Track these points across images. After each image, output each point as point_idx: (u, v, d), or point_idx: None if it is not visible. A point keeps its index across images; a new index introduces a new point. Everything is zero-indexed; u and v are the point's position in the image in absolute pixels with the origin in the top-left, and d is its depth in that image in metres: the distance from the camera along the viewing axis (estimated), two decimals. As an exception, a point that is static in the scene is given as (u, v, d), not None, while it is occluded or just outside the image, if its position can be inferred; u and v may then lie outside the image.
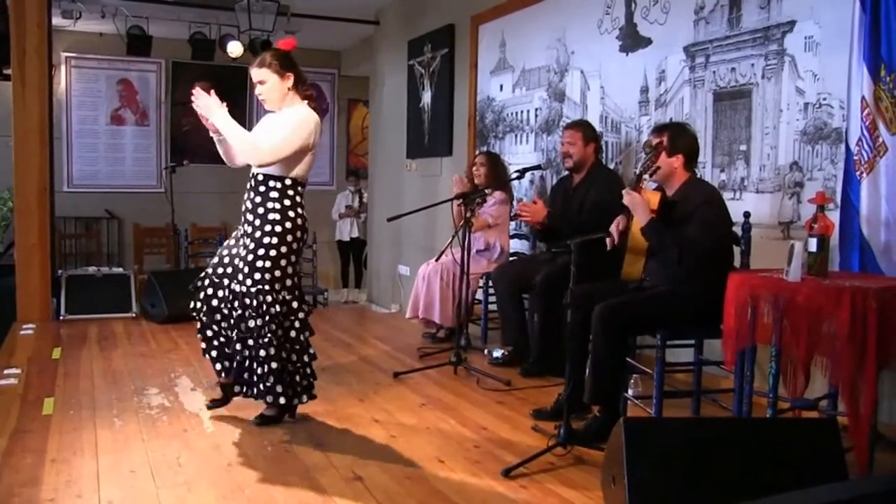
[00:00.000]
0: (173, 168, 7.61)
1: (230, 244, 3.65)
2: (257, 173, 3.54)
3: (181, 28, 8.41)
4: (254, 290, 3.45)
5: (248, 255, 3.47)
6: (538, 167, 5.29)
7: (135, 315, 6.50)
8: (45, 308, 6.33)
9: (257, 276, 3.45)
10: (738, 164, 4.12)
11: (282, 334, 3.53)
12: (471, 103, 6.62)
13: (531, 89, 5.87)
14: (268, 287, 3.45)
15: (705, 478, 2.47)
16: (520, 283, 4.79)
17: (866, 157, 3.19)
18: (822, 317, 2.73)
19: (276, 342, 3.50)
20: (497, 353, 4.89)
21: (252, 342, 3.54)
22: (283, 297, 3.52)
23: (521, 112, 6.00)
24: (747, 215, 3.61)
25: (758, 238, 3.67)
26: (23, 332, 5.82)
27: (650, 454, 2.46)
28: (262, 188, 3.51)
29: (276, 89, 3.54)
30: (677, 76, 4.49)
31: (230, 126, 3.45)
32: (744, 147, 4.09)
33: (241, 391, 3.72)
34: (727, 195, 3.93)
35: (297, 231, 3.53)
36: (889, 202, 3.15)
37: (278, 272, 3.48)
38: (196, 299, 3.66)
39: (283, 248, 3.48)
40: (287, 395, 3.60)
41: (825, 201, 3.10)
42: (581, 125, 4.74)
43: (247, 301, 3.47)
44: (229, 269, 3.58)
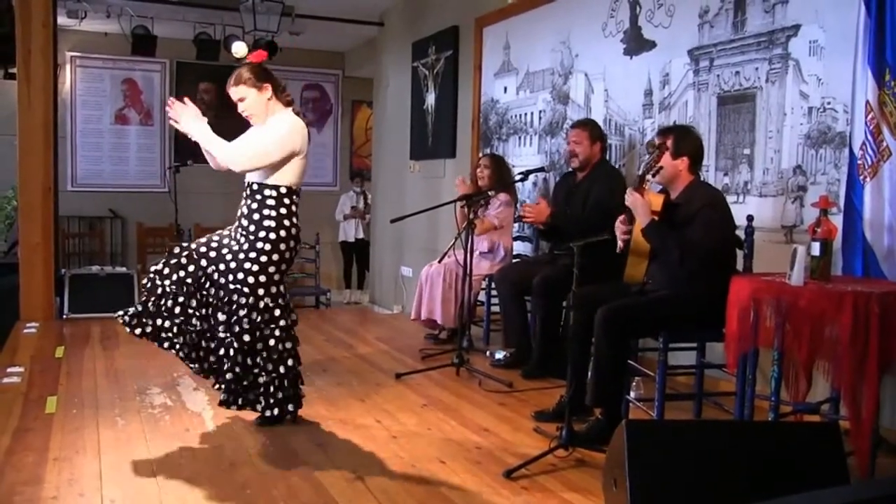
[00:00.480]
0: (177, 168, 7.61)
1: (222, 233, 3.61)
2: (252, 182, 3.53)
3: (186, 28, 8.43)
4: (232, 287, 3.44)
5: (240, 253, 3.46)
6: (542, 169, 5.30)
7: (138, 314, 6.49)
8: (49, 307, 6.34)
9: (240, 275, 3.43)
10: (742, 168, 4.12)
11: (258, 340, 3.46)
12: (475, 105, 6.63)
13: (535, 91, 5.88)
14: (247, 289, 3.43)
15: (707, 481, 2.47)
16: (522, 285, 4.79)
17: (870, 162, 3.19)
18: (825, 321, 2.73)
19: (238, 344, 3.43)
20: (499, 355, 4.89)
21: (218, 338, 3.49)
22: (266, 303, 3.47)
23: (525, 114, 6.00)
24: (750, 219, 3.60)
25: (761, 241, 3.67)
26: (26, 330, 5.83)
27: (652, 457, 2.46)
28: (258, 196, 3.50)
29: (257, 103, 3.52)
30: (681, 79, 4.49)
31: (207, 137, 3.43)
32: (747, 151, 4.09)
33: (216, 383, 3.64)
34: (730, 198, 3.93)
35: (291, 241, 3.51)
36: (892, 206, 3.14)
37: (263, 277, 3.45)
38: (167, 265, 3.52)
39: (275, 256, 3.46)
40: (237, 400, 3.52)
41: (829, 205, 3.11)
42: (588, 124, 4.74)
43: (222, 294, 3.45)
44: (212, 254, 3.51)
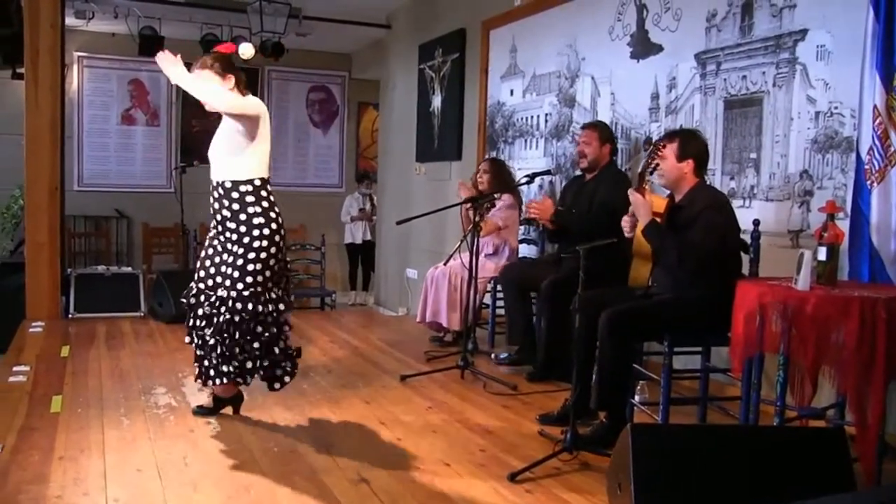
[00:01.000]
0: (183, 168, 7.61)
1: (209, 253, 3.63)
2: (223, 181, 3.53)
3: (193, 29, 8.44)
4: (246, 293, 3.48)
5: (238, 260, 3.50)
6: (548, 172, 5.30)
7: (143, 314, 6.52)
8: (55, 306, 6.35)
9: (249, 279, 3.48)
10: (748, 172, 4.12)
11: (272, 324, 3.55)
12: (481, 108, 6.63)
13: (541, 94, 5.88)
14: (260, 289, 3.50)
15: (711, 485, 2.47)
16: (526, 283, 4.80)
17: (877, 167, 3.18)
18: (831, 326, 2.72)
19: (259, 341, 3.53)
20: (503, 356, 4.89)
21: (237, 339, 3.52)
22: (272, 295, 3.56)
23: (531, 117, 6.00)
24: (756, 223, 3.59)
25: (766, 246, 3.66)
26: (32, 329, 5.85)
27: (656, 461, 2.45)
28: (233, 195, 3.51)
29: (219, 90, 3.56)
30: (688, 83, 4.48)
31: (186, 79, 3.45)
32: (754, 155, 4.08)
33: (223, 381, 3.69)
34: (736, 203, 3.93)
35: (281, 230, 3.58)
36: (900, 212, 3.14)
37: (269, 272, 3.53)
38: (189, 315, 3.68)
39: (273, 249, 3.53)
40: (280, 369, 3.66)
41: (835, 210, 3.09)
42: (598, 126, 4.75)
43: (238, 305, 3.48)
44: (217, 279, 3.55)
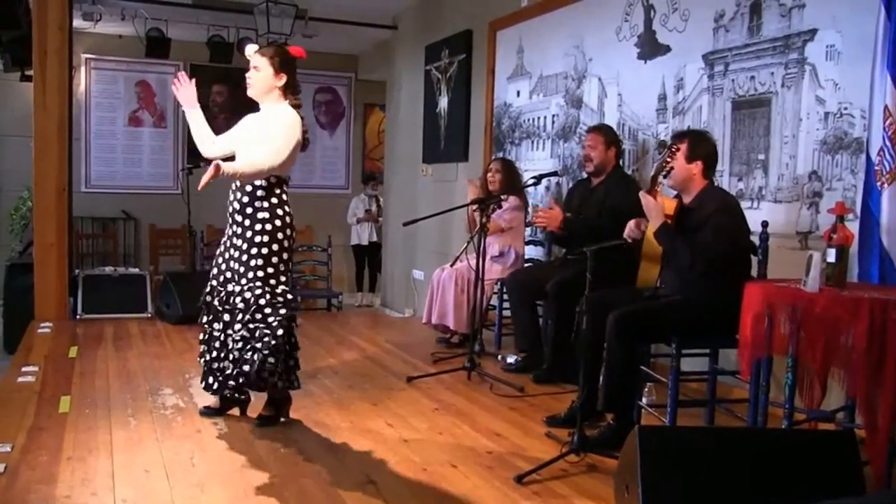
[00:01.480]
0: (190, 170, 7.60)
1: (221, 251, 3.68)
2: None
3: (199, 31, 8.46)
4: (247, 286, 3.49)
5: (242, 256, 3.52)
6: (554, 173, 5.29)
7: (150, 315, 6.53)
8: (63, 307, 6.37)
9: (251, 274, 3.50)
10: (757, 174, 4.10)
11: (276, 326, 3.52)
12: (487, 109, 6.62)
13: (548, 96, 5.87)
14: (259, 284, 3.49)
15: (719, 488, 2.45)
16: (533, 289, 4.78)
17: (888, 168, 3.16)
18: (840, 328, 2.70)
19: (265, 338, 3.49)
20: (510, 360, 4.88)
21: (241, 336, 3.52)
22: (276, 295, 3.53)
23: (538, 118, 5.99)
24: (765, 224, 3.58)
25: (775, 247, 3.65)
26: (40, 330, 5.86)
27: (664, 463, 2.45)
28: (248, 188, 3.55)
29: (266, 81, 3.56)
30: (696, 84, 4.47)
31: (228, 166, 3.34)
32: (762, 156, 4.07)
33: (234, 395, 3.73)
34: (745, 204, 3.91)
35: (287, 229, 3.58)
36: (909, 213, 3.12)
37: (271, 269, 3.52)
38: (204, 313, 3.70)
39: (275, 246, 3.53)
40: (278, 381, 3.60)
41: (845, 212, 3.07)
42: (603, 129, 4.73)
43: (238, 300, 3.51)
44: (228, 274, 3.61)
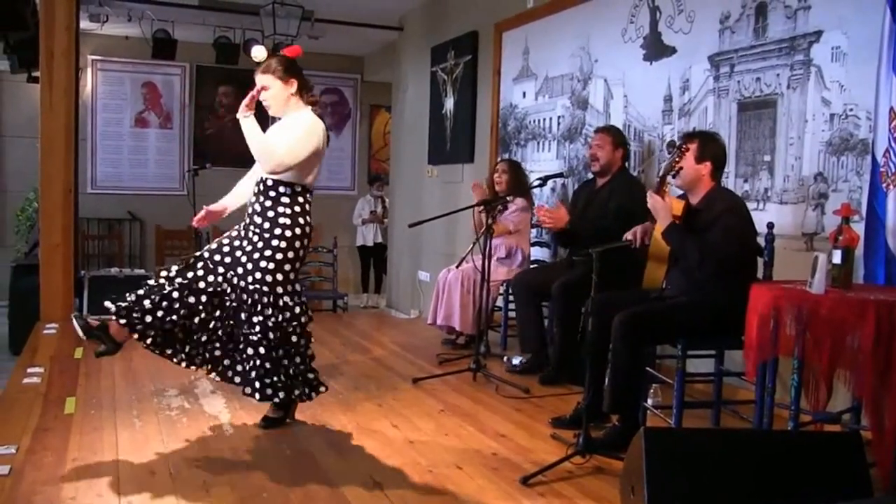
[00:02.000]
0: (196, 171, 7.65)
1: (231, 235, 3.59)
2: (266, 178, 3.53)
3: (206, 32, 8.48)
4: (251, 287, 3.46)
5: (255, 253, 3.47)
6: (560, 175, 5.29)
7: (156, 316, 6.54)
8: (68, 308, 6.38)
9: (258, 275, 3.46)
10: (762, 175, 4.09)
11: (280, 335, 3.49)
12: (493, 110, 6.62)
13: (554, 97, 5.87)
14: (266, 289, 3.46)
15: (725, 490, 2.45)
16: (539, 291, 4.78)
17: (893, 169, 3.15)
18: (846, 329, 2.69)
19: (265, 342, 3.47)
20: (516, 361, 4.88)
21: (243, 336, 3.51)
22: (285, 301, 3.51)
23: (544, 120, 5.99)
24: (770, 226, 3.57)
25: (781, 249, 3.64)
26: (46, 331, 5.88)
27: (670, 464, 2.44)
28: (272, 193, 3.52)
29: (280, 95, 3.55)
30: (701, 85, 4.46)
31: (249, 129, 3.41)
32: (768, 157, 4.06)
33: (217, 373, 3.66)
34: (750, 205, 3.89)
35: (305, 238, 3.55)
36: (915, 215, 3.11)
37: (280, 276, 3.48)
38: (182, 271, 3.48)
39: (290, 254, 3.49)
40: (277, 391, 3.54)
41: (850, 213, 3.07)
42: (611, 130, 4.73)
43: (244, 297, 3.48)
44: (227, 259, 3.52)
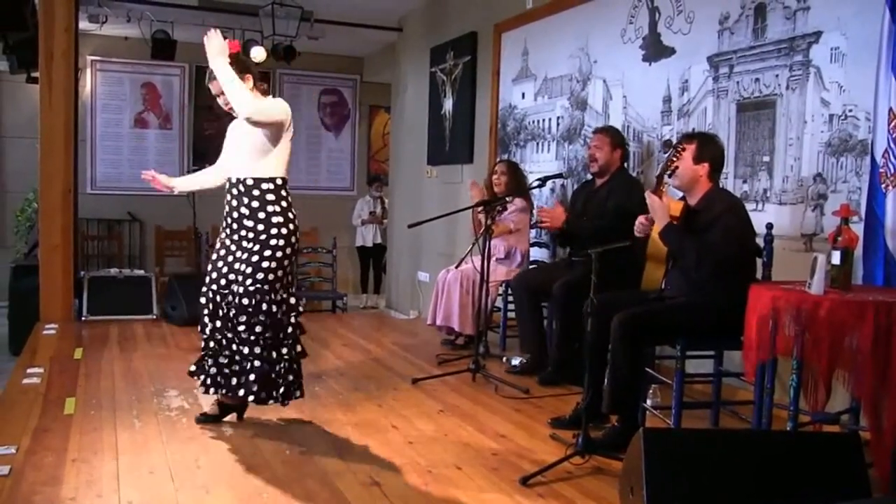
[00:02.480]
0: (195, 171, 7.64)
1: (221, 254, 3.61)
2: (244, 178, 3.54)
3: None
4: (252, 289, 3.47)
5: (253, 257, 3.49)
6: (560, 175, 5.29)
7: (155, 317, 6.56)
8: (68, 308, 6.40)
9: (260, 276, 3.48)
10: (761, 176, 4.10)
11: (279, 332, 3.53)
12: (492, 111, 6.63)
13: (553, 98, 5.87)
14: (267, 287, 3.49)
15: (724, 490, 2.45)
16: (539, 291, 4.79)
17: (892, 170, 3.15)
18: (845, 330, 2.70)
19: (262, 342, 3.50)
20: (515, 361, 4.88)
21: (241, 338, 3.52)
22: (282, 296, 3.55)
23: (543, 120, 5.99)
24: (769, 227, 3.58)
25: (780, 250, 3.65)
26: (45, 331, 5.88)
27: (669, 465, 2.44)
28: (255, 192, 3.53)
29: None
30: (700, 86, 4.47)
31: (227, 73, 3.44)
32: (767, 158, 4.07)
33: (225, 393, 3.66)
34: (749, 206, 3.90)
35: (297, 231, 3.60)
36: (914, 215, 3.11)
37: (280, 272, 3.52)
38: (202, 321, 3.65)
39: (288, 250, 3.54)
40: (266, 393, 3.56)
41: (849, 214, 3.07)
42: (610, 131, 4.75)
43: (244, 301, 3.48)
44: (230, 276, 3.55)
